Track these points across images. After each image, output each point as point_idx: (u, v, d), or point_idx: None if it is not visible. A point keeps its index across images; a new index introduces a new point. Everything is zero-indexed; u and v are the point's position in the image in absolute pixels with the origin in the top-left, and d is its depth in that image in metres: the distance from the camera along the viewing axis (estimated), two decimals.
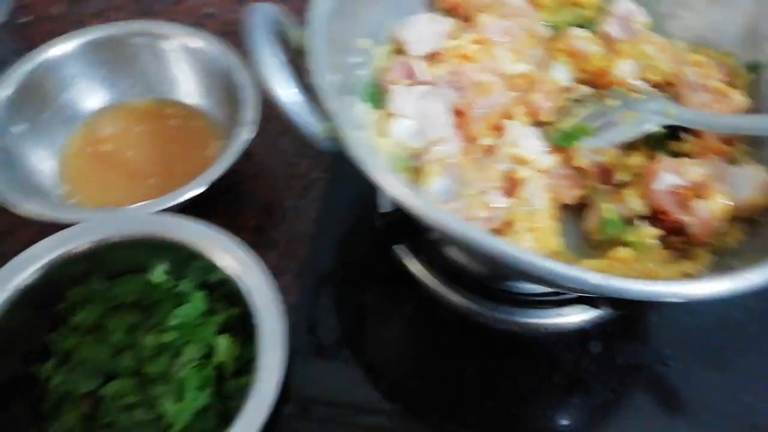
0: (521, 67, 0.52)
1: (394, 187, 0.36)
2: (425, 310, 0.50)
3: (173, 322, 0.48)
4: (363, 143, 0.38)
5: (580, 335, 0.49)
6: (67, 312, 0.49)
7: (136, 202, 0.55)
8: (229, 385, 0.47)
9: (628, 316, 0.50)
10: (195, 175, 0.55)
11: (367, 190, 0.41)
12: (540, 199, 0.44)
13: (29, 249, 0.47)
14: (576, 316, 0.49)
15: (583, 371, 0.47)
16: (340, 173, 0.61)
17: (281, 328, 0.44)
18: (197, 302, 0.50)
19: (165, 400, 0.45)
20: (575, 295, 0.49)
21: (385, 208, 0.53)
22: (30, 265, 0.46)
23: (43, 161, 0.62)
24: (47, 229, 0.49)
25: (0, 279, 0.45)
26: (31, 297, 0.47)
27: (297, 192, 0.63)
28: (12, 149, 0.59)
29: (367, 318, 0.51)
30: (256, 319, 0.45)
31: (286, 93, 0.39)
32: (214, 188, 0.55)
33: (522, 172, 0.45)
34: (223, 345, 0.47)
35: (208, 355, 0.48)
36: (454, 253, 0.51)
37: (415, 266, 0.51)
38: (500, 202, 0.44)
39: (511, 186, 0.45)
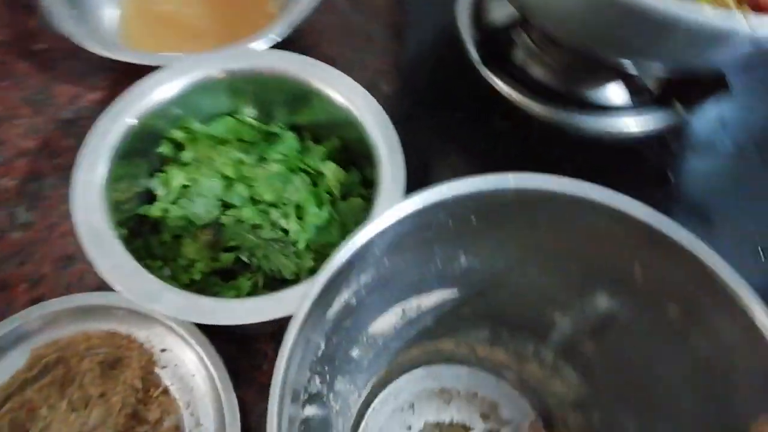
0: None
1: None
2: (517, 122, 0.52)
3: (276, 155, 0.50)
4: None
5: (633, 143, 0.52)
6: (168, 154, 0.50)
7: None
8: (341, 205, 0.49)
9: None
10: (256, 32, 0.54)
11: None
12: None
13: (121, 96, 0.46)
14: (632, 124, 0.52)
15: (667, 167, 0.51)
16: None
17: (398, 146, 0.45)
18: (290, 140, 0.51)
19: (288, 220, 0.47)
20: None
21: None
22: (126, 112, 0.46)
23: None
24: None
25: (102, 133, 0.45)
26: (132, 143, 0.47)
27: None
28: None
29: (458, 135, 0.53)
30: (372, 141, 0.46)
31: None
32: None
33: None
34: (331, 170, 0.49)
35: (315, 183, 0.49)
36: (537, 72, 0.53)
37: (505, 88, 0.52)
38: None
39: None
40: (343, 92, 0.48)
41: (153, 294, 0.39)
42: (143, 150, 0.49)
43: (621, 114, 0.52)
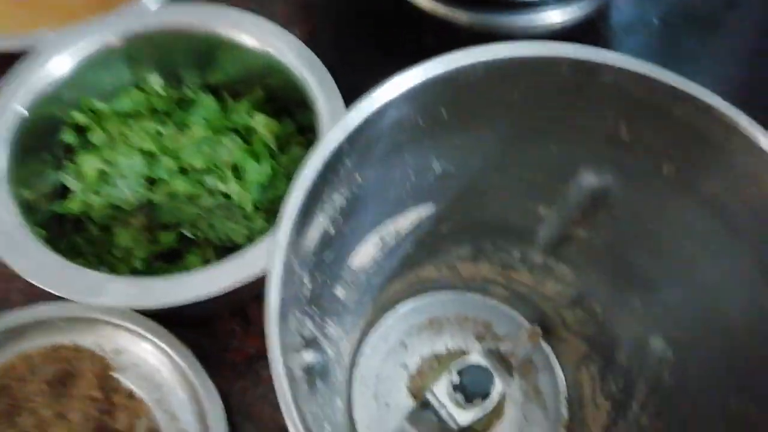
0: None
1: None
2: (445, 37, 0.50)
3: (196, 120, 0.45)
4: None
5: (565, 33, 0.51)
6: (72, 141, 0.44)
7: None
8: (282, 159, 0.45)
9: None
10: None
11: None
12: None
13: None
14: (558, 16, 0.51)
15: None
16: None
17: (331, 83, 0.41)
18: (208, 102, 0.47)
19: (227, 183, 0.43)
20: None
21: None
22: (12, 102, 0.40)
23: None
24: None
25: None
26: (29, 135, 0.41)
27: None
28: None
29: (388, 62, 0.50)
30: (301, 83, 0.42)
31: None
32: None
33: None
34: (261, 122, 0.45)
35: (246, 141, 0.45)
36: None
37: (428, 4, 0.50)
38: None
39: None
40: (258, 36, 0.44)
41: (94, 287, 0.35)
42: (44, 142, 0.43)
43: (547, 7, 0.50)
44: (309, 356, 0.24)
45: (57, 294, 0.35)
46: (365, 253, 0.30)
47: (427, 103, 0.25)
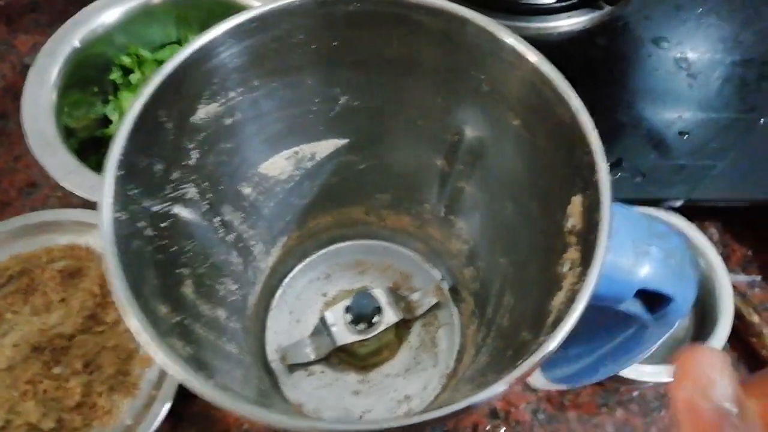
0: None
1: None
2: None
3: None
4: None
5: (587, 33, 0.54)
6: (119, 80, 0.53)
7: None
8: None
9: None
10: None
11: None
12: None
13: (65, 23, 0.50)
14: (582, 18, 0.54)
15: (592, 60, 0.53)
16: None
17: None
18: None
19: None
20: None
21: None
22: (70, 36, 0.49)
23: None
24: None
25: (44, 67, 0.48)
26: (82, 68, 0.51)
27: None
28: None
29: None
30: None
31: None
32: None
33: None
34: None
35: None
36: None
37: None
38: None
39: None
40: None
41: (91, 185, 0.43)
42: (96, 78, 0.53)
43: (551, 16, 0.54)
44: (181, 210, 0.29)
45: (82, 195, 0.43)
46: (277, 165, 0.35)
47: (315, 27, 0.30)
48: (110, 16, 0.51)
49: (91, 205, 0.46)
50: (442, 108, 0.33)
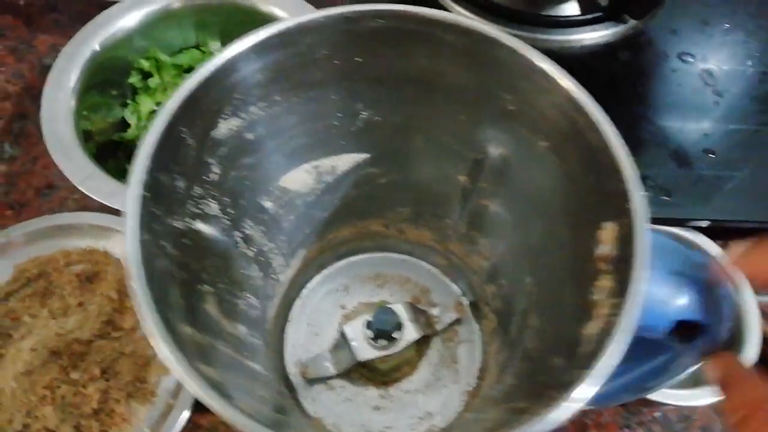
0: None
1: None
2: None
3: None
4: None
5: (610, 48, 0.53)
6: (137, 84, 0.53)
7: None
8: None
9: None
10: None
11: None
12: None
13: (85, 26, 0.50)
14: (605, 32, 0.54)
15: (615, 75, 0.52)
16: None
17: None
18: None
19: None
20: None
21: None
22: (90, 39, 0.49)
23: None
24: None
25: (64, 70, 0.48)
26: (101, 71, 0.50)
27: None
28: None
29: None
30: None
31: None
32: None
33: None
34: None
35: None
36: None
37: (463, 11, 0.54)
38: None
39: None
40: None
41: (110, 192, 0.43)
42: (115, 81, 0.53)
43: (574, 29, 0.53)
44: (204, 227, 0.29)
45: (99, 200, 0.43)
46: (298, 178, 0.35)
47: (339, 43, 0.30)
48: (130, 19, 0.51)
49: (108, 209, 0.46)
50: (466, 125, 0.33)
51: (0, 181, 0.55)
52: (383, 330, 0.38)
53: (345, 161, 0.36)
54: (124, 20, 0.51)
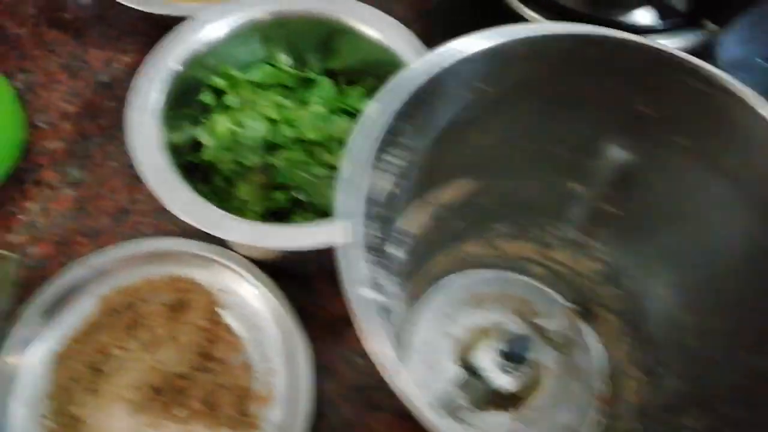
0: None
1: None
2: None
3: (315, 99, 0.51)
4: None
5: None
6: (210, 102, 0.51)
7: None
8: None
9: None
10: None
11: None
12: None
13: (161, 44, 0.48)
14: (684, 39, 0.53)
15: None
16: None
17: None
18: (326, 84, 0.52)
19: (334, 155, 0.48)
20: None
21: None
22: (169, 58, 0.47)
23: None
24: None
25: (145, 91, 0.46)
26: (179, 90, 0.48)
27: None
28: None
29: None
30: None
31: None
32: None
33: None
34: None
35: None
36: None
37: (535, 17, 0.53)
38: None
39: None
40: (379, 28, 0.49)
41: (223, 225, 0.40)
42: (187, 99, 0.51)
43: (651, 37, 0.52)
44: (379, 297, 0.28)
45: (193, 224, 0.40)
46: (414, 218, 0.34)
47: (468, 78, 0.29)
48: (209, 35, 0.49)
49: (189, 234, 0.44)
50: (586, 134, 0.32)
51: (69, 206, 0.53)
52: (520, 356, 0.37)
53: (451, 190, 0.35)
54: (203, 36, 0.49)
